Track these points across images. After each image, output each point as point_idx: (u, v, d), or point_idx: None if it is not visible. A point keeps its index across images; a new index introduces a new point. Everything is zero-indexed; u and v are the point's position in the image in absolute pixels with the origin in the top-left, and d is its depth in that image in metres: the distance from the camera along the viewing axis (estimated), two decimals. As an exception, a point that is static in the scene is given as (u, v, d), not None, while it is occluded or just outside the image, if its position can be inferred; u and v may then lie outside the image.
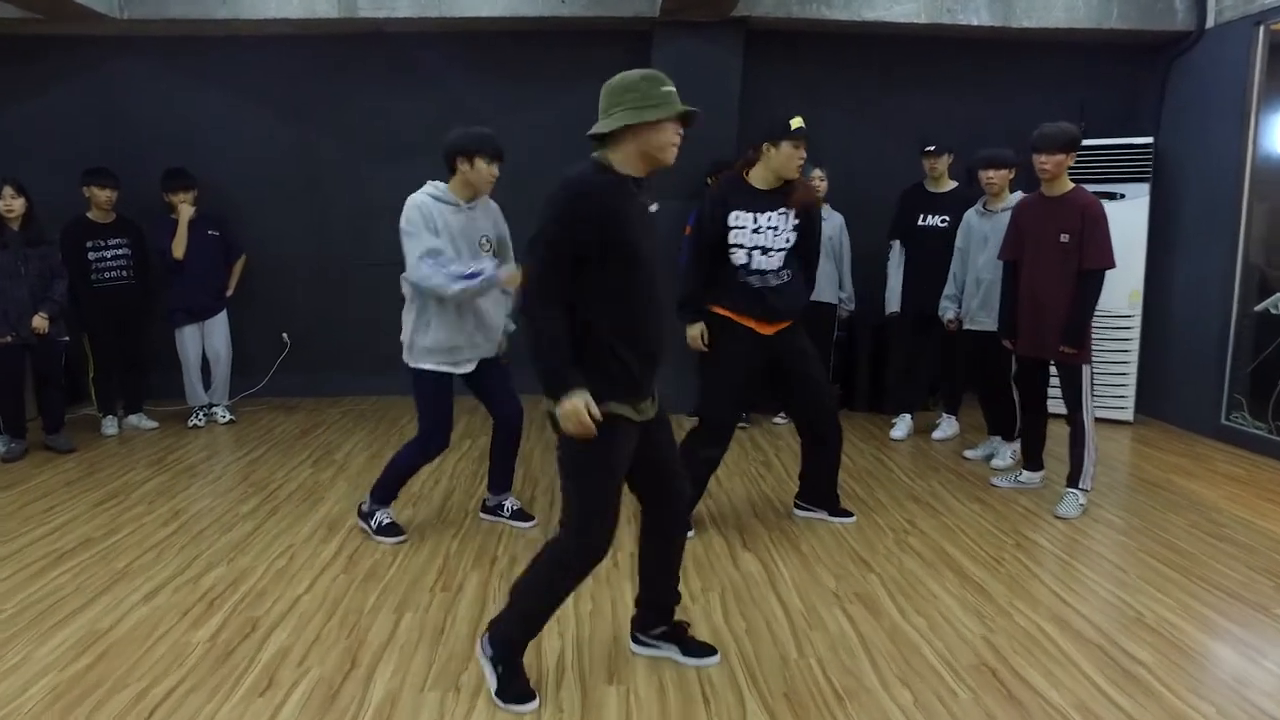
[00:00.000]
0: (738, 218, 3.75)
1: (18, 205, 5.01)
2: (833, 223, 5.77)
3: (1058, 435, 4.54)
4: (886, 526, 3.98)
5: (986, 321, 4.73)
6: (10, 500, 4.40)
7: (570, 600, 3.00)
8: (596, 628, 2.99)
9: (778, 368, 3.84)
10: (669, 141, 2.35)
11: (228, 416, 6.04)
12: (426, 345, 3.62)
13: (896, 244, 5.51)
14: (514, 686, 2.51)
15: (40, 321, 5.07)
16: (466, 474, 4.78)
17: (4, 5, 5.36)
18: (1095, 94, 6.17)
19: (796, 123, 3.69)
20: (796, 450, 5.06)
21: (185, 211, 5.74)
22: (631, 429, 2.45)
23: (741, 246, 3.74)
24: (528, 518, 4.01)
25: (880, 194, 5.79)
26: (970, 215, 4.93)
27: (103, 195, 5.63)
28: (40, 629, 3.01)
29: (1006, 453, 4.89)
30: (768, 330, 3.77)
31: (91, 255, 5.62)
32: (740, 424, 5.82)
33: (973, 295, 4.86)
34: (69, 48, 6.19)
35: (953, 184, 5.39)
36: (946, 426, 5.56)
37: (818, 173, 5.65)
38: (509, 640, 2.53)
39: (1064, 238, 4.05)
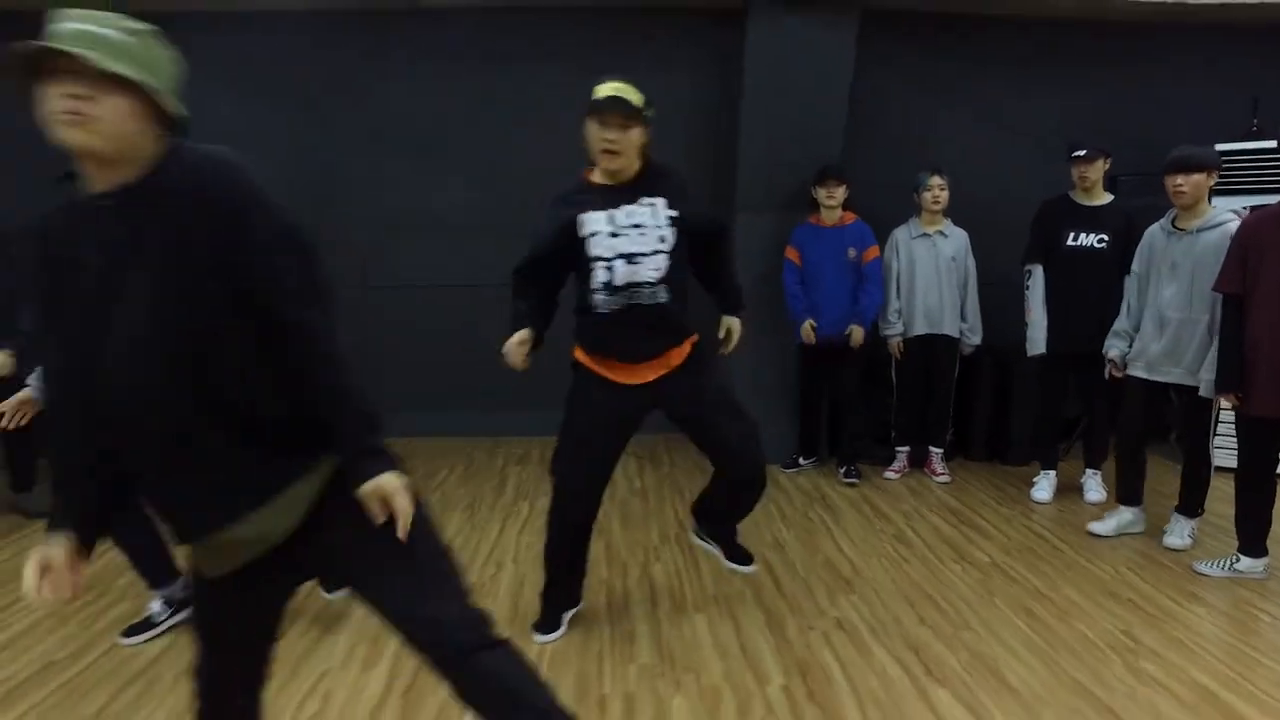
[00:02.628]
0: (588, 221, 2.74)
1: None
2: (955, 241, 4.85)
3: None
4: (1102, 642, 3.03)
5: (1173, 372, 3.80)
6: (-43, 593, 3.46)
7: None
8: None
9: (673, 419, 2.89)
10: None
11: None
12: None
13: (1038, 269, 4.56)
14: None
15: (4, 360, 4.12)
16: (533, 554, 3.85)
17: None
18: (1273, 87, 5.22)
19: (603, 90, 2.69)
20: (935, 524, 4.17)
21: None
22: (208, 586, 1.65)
23: (601, 259, 2.72)
24: None
25: (1010, 208, 4.86)
26: (1155, 233, 3.95)
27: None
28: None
29: (1186, 530, 3.94)
30: (635, 379, 2.81)
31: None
32: (850, 480, 4.87)
33: (1153, 338, 3.86)
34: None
35: (1109, 196, 4.48)
36: (1097, 486, 4.62)
37: (937, 180, 4.75)
38: None
39: (1325, 265, 3.13)
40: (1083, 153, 4.37)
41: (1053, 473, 4.66)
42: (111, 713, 2.60)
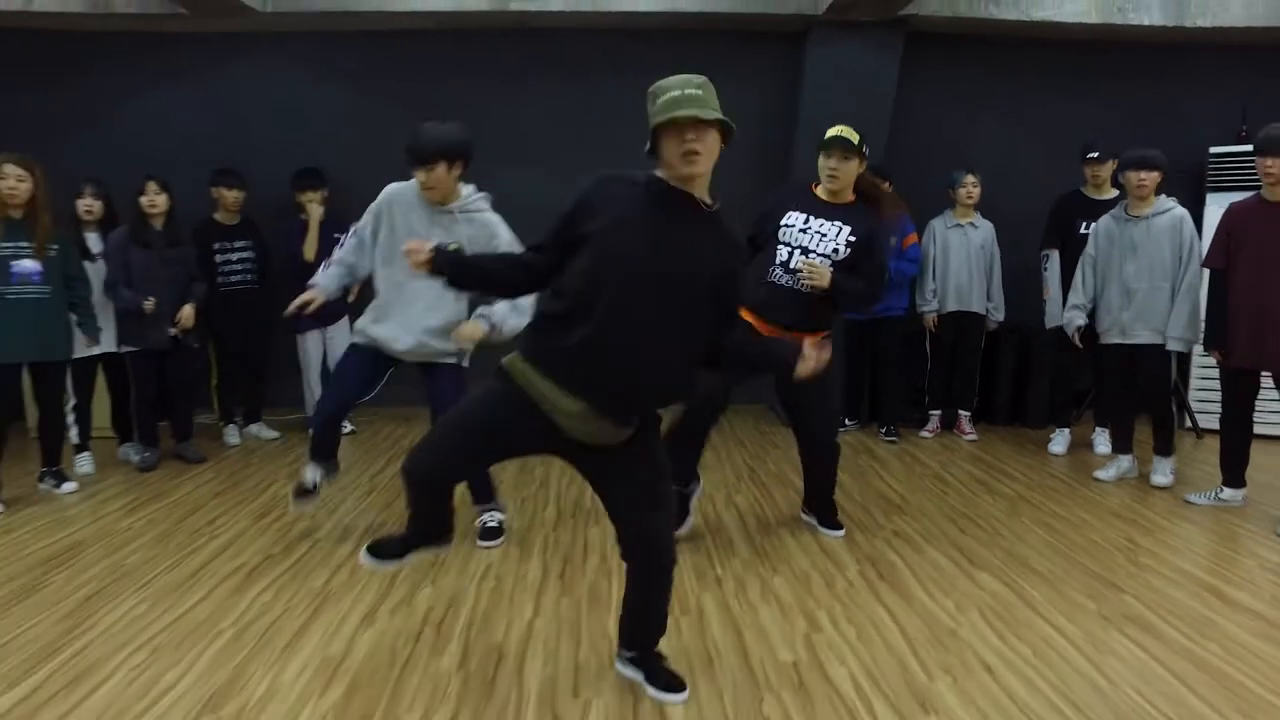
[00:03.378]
0: (790, 216, 3.64)
1: (161, 202, 4.83)
2: (983, 231, 5.58)
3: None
4: (1109, 545, 3.76)
5: (1143, 333, 4.50)
6: (165, 513, 4.20)
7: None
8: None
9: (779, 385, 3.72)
10: (675, 151, 2.13)
11: (349, 427, 5.84)
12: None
13: (1054, 254, 5.30)
14: None
15: (189, 311, 4.87)
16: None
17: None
18: (1263, 99, 5.89)
19: (831, 131, 3.57)
20: (967, 469, 4.93)
21: (315, 212, 5.56)
22: (523, 408, 2.24)
23: (785, 243, 3.60)
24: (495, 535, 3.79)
25: (1028, 203, 5.60)
26: (1107, 222, 4.65)
27: (230, 196, 5.46)
28: (270, 653, 2.80)
29: (1167, 468, 4.64)
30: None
31: (218, 258, 5.44)
32: (890, 438, 5.61)
33: (1122, 307, 4.53)
34: (199, 45, 6.02)
35: (1115, 191, 5.20)
36: (1105, 441, 5.33)
37: (970, 179, 5.48)
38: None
39: (1290, 245, 3.85)
40: (1096, 154, 5.11)
41: (1067, 430, 5.39)
42: (335, 584, 3.34)
